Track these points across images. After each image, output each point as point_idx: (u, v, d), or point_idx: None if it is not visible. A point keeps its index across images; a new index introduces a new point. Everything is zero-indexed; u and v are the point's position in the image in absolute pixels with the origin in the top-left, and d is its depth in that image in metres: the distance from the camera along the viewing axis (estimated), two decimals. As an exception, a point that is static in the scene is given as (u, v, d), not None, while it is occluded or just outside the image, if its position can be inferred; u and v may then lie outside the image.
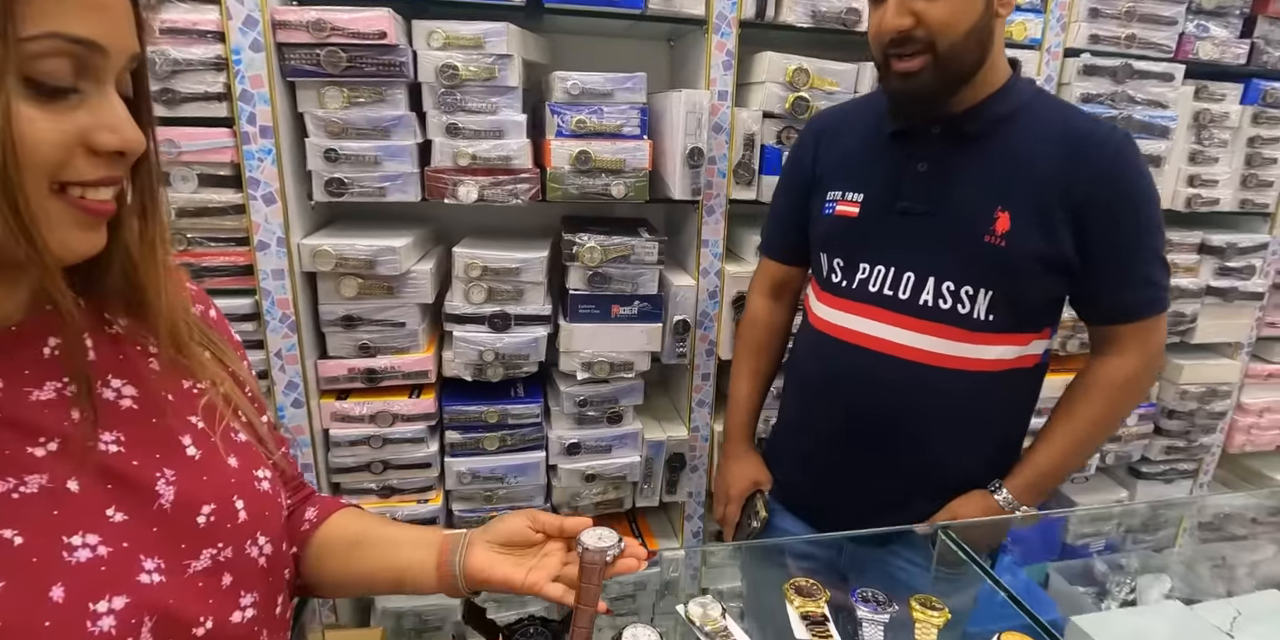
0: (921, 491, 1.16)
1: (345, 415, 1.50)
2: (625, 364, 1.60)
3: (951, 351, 1.07)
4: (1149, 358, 1.11)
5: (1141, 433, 2.10)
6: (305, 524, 0.76)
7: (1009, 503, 1.13)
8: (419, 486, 1.58)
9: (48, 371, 0.52)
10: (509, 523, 0.72)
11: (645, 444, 1.69)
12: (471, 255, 1.48)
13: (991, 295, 1.04)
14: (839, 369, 1.14)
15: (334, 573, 0.74)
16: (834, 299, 1.16)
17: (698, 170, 1.51)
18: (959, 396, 1.09)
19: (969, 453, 1.14)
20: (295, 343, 1.40)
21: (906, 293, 1.08)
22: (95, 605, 0.48)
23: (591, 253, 1.50)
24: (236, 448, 0.62)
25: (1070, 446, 1.13)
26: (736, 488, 1.32)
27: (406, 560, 0.72)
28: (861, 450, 1.15)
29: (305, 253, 1.39)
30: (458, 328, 1.52)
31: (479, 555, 0.70)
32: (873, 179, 1.12)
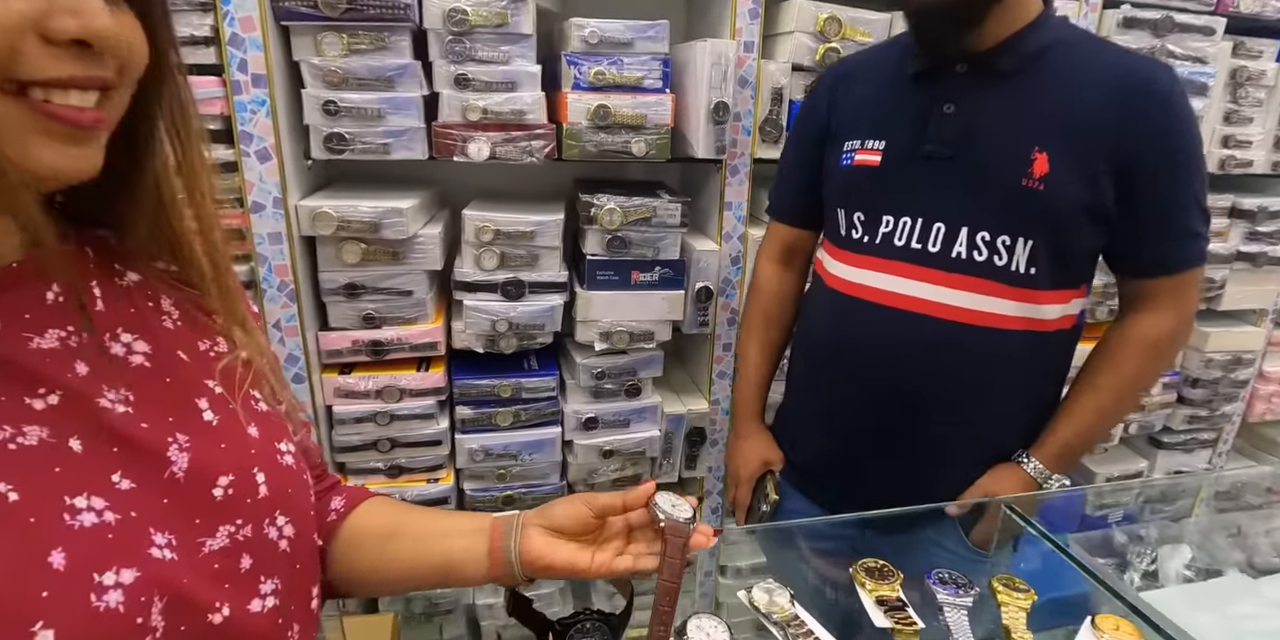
0: (949, 467, 1.08)
1: (349, 391, 1.41)
2: (645, 333, 1.51)
3: (990, 309, 0.99)
4: (1184, 315, 1.04)
5: (1165, 402, 2.05)
6: (331, 514, 0.68)
7: (1041, 474, 1.06)
8: (428, 465, 1.49)
9: (50, 317, 0.46)
10: (566, 507, 0.65)
11: (665, 418, 1.62)
12: (482, 218, 1.38)
13: (1032, 245, 0.96)
14: (860, 332, 1.06)
15: (366, 568, 0.67)
16: (854, 256, 1.07)
17: (722, 127, 1.41)
18: (997, 360, 1.01)
19: (1003, 424, 1.07)
20: (295, 313, 1.30)
21: (937, 245, 1.00)
22: (101, 577, 0.41)
23: (611, 215, 1.40)
24: (258, 416, 0.55)
25: (1100, 411, 1.06)
26: (747, 469, 1.24)
27: (454, 549, 0.65)
28: (884, 423, 1.07)
29: (304, 215, 1.28)
30: (468, 296, 1.42)
31: (536, 540, 0.64)
32: (895, 124, 1.03)
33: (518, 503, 1.57)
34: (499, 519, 0.65)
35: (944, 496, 1.08)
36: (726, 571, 1.64)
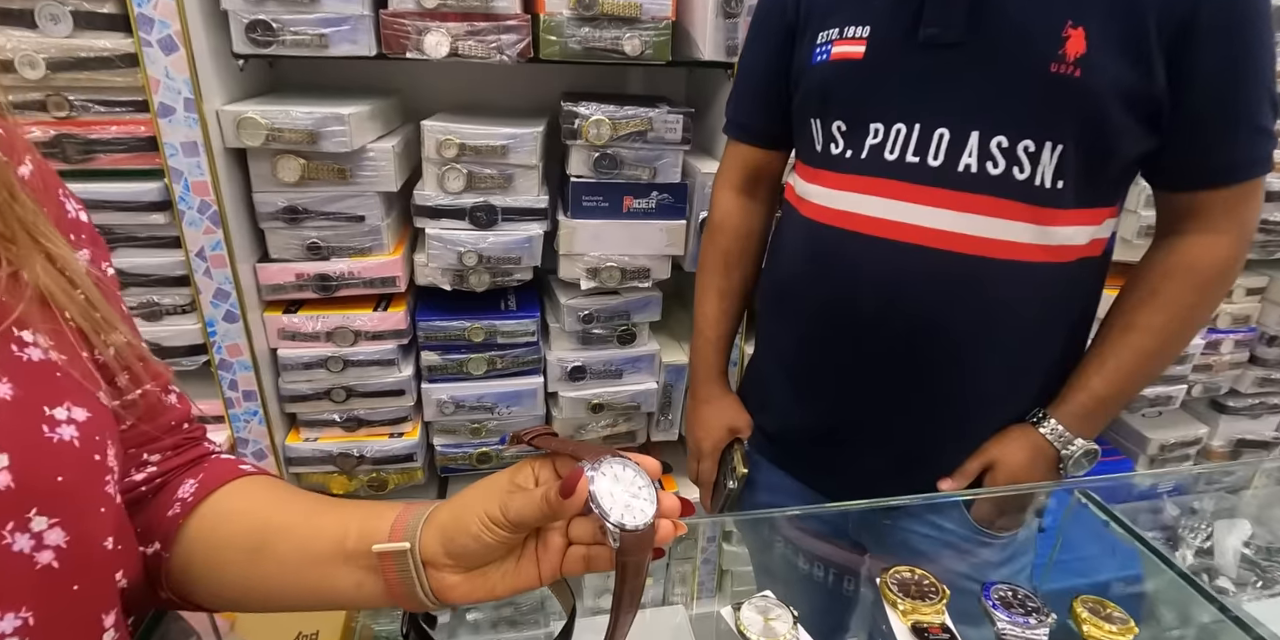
0: (953, 431, 0.87)
1: (295, 332, 1.22)
2: (640, 271, 1.30)
3: (1005, 236, 0.77)
4: (1245, 236, 0.80)
5: (1235, 361, 1.81)
6: (175, 506, 0.49)
7: (1060, 437, 0.84)
8: (391, 417, 1.31)
9: None
10: (476, 541, 0.44)
11: (663, 368, 1.42)
12: (445, 129, 1.16)
13: (1062, 151, 0.74)
14: (842, 270, 0.84)
15: (221, 587, 0.50)
16: (834, 177, 0.84)
17: (735, 21, 1.16)
18: (1017, 298, 0.79)
19: (1018, 378, 0.86)
20: (221, 240, 1.11)
21: (939, 157, 0.77)
22: None
23: (598, 127, 1.17)
24: (21, 368, 0.38)
25: (1137, 360, 0.83)
26: (710, 439, 1.03)
27: (342, 585, 0.47)
28: (873, 379, 0.86)
29: (227, 122, 1.07)
30: (431, 224, 1.21)
31: (457, 584, 0.46)
32: (881, 6, 0.79)
33: (494, 461, 1.40)
34: (386, 556, 0.45)
35: (946, 466, 0.87)
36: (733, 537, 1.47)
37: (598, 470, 0.44)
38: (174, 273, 1.12)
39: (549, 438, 0.49)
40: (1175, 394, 1.76)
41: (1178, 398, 1.77)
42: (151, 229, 1.09)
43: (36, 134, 1.01)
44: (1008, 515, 0.89)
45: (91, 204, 1.07)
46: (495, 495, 0.45)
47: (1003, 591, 0.63)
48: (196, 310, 1.15)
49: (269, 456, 1.25)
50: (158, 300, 1.14)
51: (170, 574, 0.49)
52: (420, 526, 0.46)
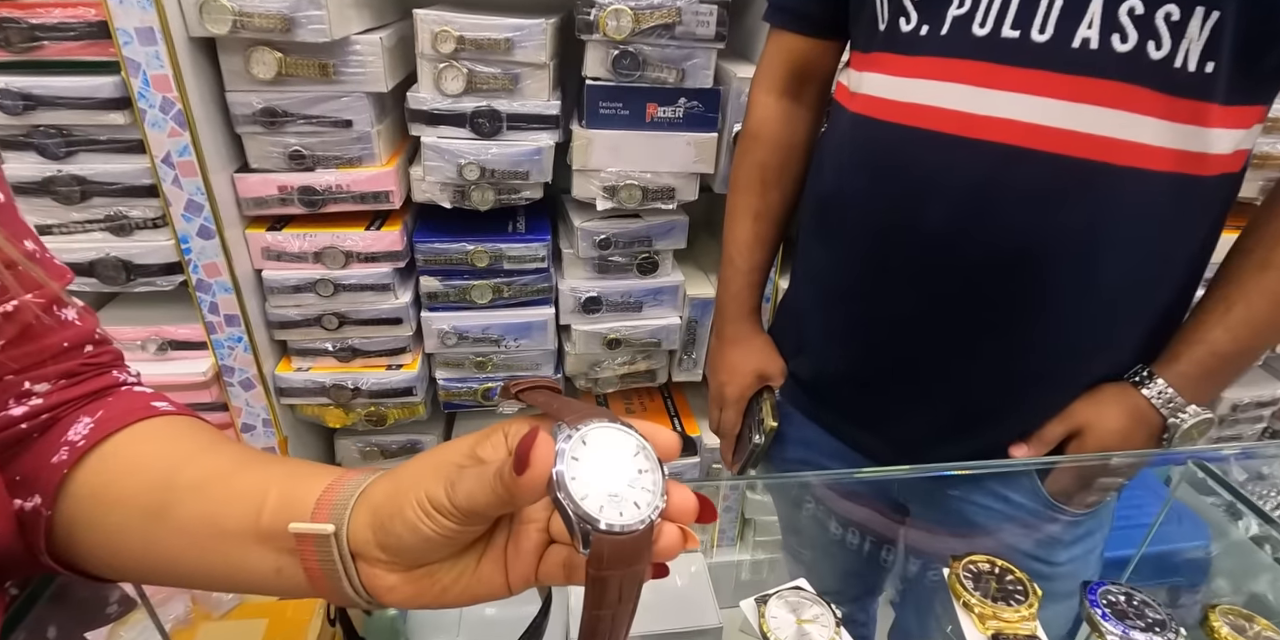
0: (1036, 386, 0.71)
1: (280, 252, 1.11)
2: (664, 190, 1.15)
3: (1133, 136, 0.59)
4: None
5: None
6: (62, 450, 0.38)
7: (1170, 401, 0.68)
8: (388, 347, 1.21)
9: None
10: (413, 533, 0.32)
11: (687, 302, 1.29)
12: (441, 19, 1.00)
13: (1218, 19, 0.55)
14: (909, 179, 0.66)
15: (115, 553, 0.39)
16: (901, 60, 0.66)
17: (785, -113, 0.96)
18: (1134, 221, 0.62)
19: (1126, 321, 0.69)
20: (189, 144, 0.98)
21: (1047, 29, 0.58)
22: None
23: (618, 18, 1.01)
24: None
25: (1273, 307, 0.67)
26: (735, 386, 0.89)
27: (258, 568, 0.36)
28: (948, 319, 0.69)
29: (189, 5, 0.93)
30: (428, 131, 1.07)
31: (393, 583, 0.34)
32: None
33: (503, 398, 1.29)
34: (305, 538, 0.34)
35: (1017, 427, 0.73)
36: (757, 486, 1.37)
37: (574, 438, 0.30)
38: (141, 181, 1.01)
39: (541, 392, 0.35)
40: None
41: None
42: (111, 131, 0.97)
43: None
44: (1092, 489, 0.75)
45: (45, 101, 0.95)
46: (443, 471, 0.33)
47: (1113, 596, 0.50)
48: (169, 224, 1.04)
49: (257, 386, 1.16)
50: (126, 212, 1.03)
51: (52, 536, 0.38)
52: (352, 503, 0.34)
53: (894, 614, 0.94)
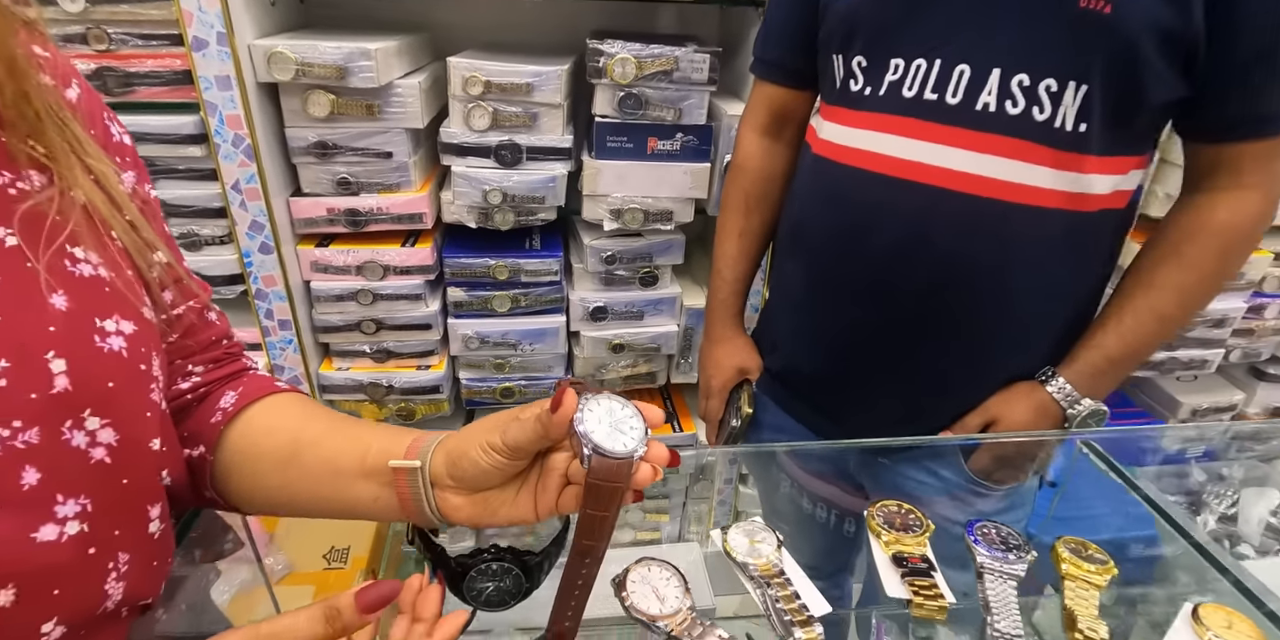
0: (960, 382, 0.87)
1: (328, 265, 1.26)
2: (663, 213, 1.31)
3: (1027, 179, 0.75)
4: (1275, 194, 0.78)
5: (1279, 327, 1.75)
6: (217, 414, 0.53)
7: (1068, 396, 0.84)
8: (418, 350, 1.37)
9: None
10: (474, 465, 0.47)
11: (684, 311, 1.44)
12: (471, 66, 1.16)
13: (1085, 92, 0.71)
14: (858, 210, 0.82)
15: (258, 491, 0.54)
16: (851, 114, 0.82)
17: (768, -45, 1.12)
18: (1034, 247, 0.78)
19: (1040, 327, 0.85)
20: (255, 173, 1.14)
21: (958, 94, 0.74)
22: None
23: (623, 66, 1.17)
24: (74, 283, 0.40)
25: (1155, 319, 0.82)
26: (719, 378, 1.05)
27: (362, 497, 0.51)
28: (889, 325, 0.85)
29: (258, 56, 1.09)
30: (457, 161, 1.23)
31: (460, 506, 0.49)
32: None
33: (518, 396, 1.45)
34: (400, 471, 0.49)
35: (952, 418, 0.88)
36: (748, 480, 1.51)
37: (589, 401, 0.45)
38: (212, 204, 1.17)
39: (578, 384, 0.48)
40: (1212, 358, 1.71)
41: (1214, 362, 1.72)
42: (189, 161, 1.13)
43: (80, 66, 1.05)
44: (1005, 468, 0.90)
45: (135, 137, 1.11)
46: (499, 424, 0.48)
47: (986, 529, 0.65)
48: (233, 241, 1.20)
49: (304, 383, 1.32)
50: (197, 231, 1.19)
51: (213, 476, 0.53)
52: (432, 449, 0.49)
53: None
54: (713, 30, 1.46)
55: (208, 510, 0.60)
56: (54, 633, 0.39)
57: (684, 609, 0.53)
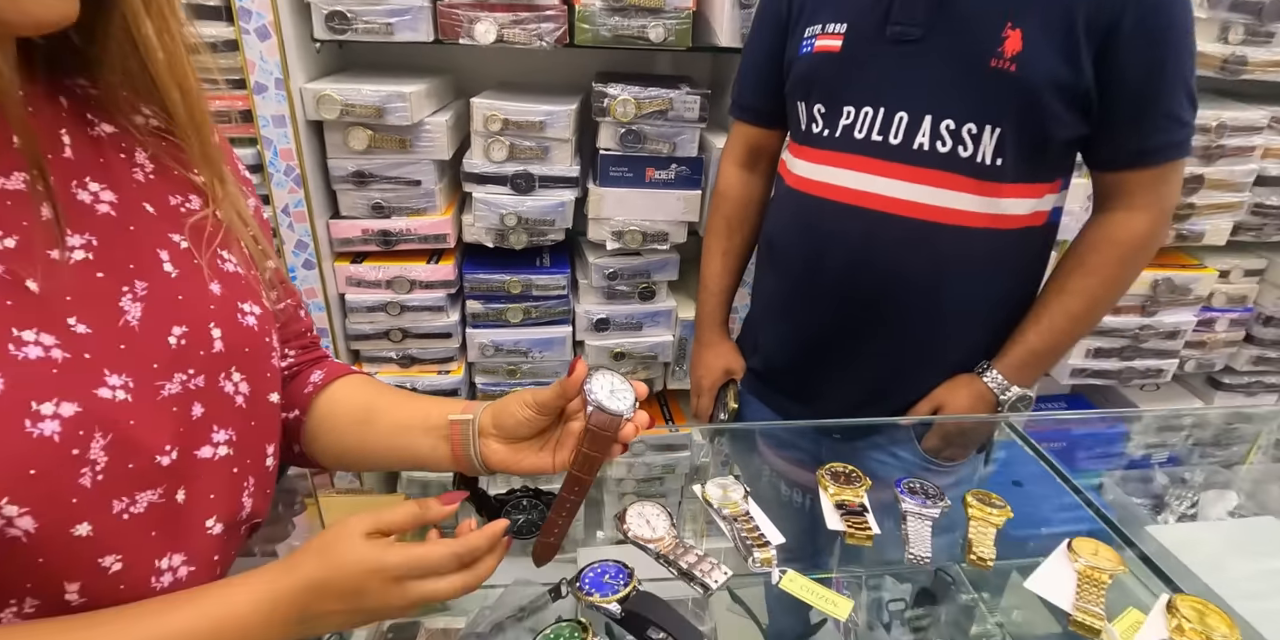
0: (911, 376, 1.03)
1: (360, 280, 1.42)
2: (659, 234, 1.47)
3: (954, 204, 0.91)
4: (1163, 213, 0.94)
5: (1230, 340, 1.89)
6: (309, 386, 0.69)
7: (1000, 386, 0.99)
8: (439, 356, 1.52)
9: (16, 160, 0.46)
10: (514, 413, 0.62)
11: (678, 323, 1.59)
12: (491, 106, 1.33)
13: (999, 133, 0.87)
14: (819, 233, 0.99)
15: (341, 449, 0.68)
16: (814, 152, 0.99)
17: (749, 11, 1.30)
18: (964, 258, 0.94)
19: (968, 331, 1.01)
20: (303, 198, 1.31)
21: (898, 136, 0.91)
22: (39, 406, 0.43)
23: (624, 106, 1.34)
24: (223, 276, 0.55)
25: (1066, 320, 0.98)
26: (708, 378, 1.21)
27: (421, 447, 0.65)
28: (843, 327, 1.01)
29: (308, 98, 1.26)
30: (477, 188, 1.40)
31: (498, 452, 0.64)
32: (858, 5, 0.93)
33: (527, 399, 1.59)
34: (456, 422, 0.64)
35: (904, 403, 1.03)
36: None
37: (599, 372, 0.60)
38: (262, 225, 1.33)
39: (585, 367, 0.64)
40: (1166, 367, 1.86)
41: (1169, 371, 1.87)
42: (245, 188, 1.30)
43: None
44: (952, 448, 1.05)
45: (197, 166, 1.28)
46: (533, 391, 0.63)
47: (912, 484, 0.80)
48: (281, 257, 1.36)
49: (336, 385, 1.47)
50: (248, 248, 1.35)
51: (304, 435, 0.68)
52: (482, 408, 0.64)
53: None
54: (704, 73, 1.64)
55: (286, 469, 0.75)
56: (215, 528, 0.54)
57: (669, 535, 0.67)
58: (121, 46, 0.48)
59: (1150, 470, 1.62)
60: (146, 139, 0.54)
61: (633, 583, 0.61)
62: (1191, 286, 1.74)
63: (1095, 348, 1.79)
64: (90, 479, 0.44)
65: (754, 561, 0.68)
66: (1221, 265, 1.80)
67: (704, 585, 0.63)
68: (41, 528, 0.42)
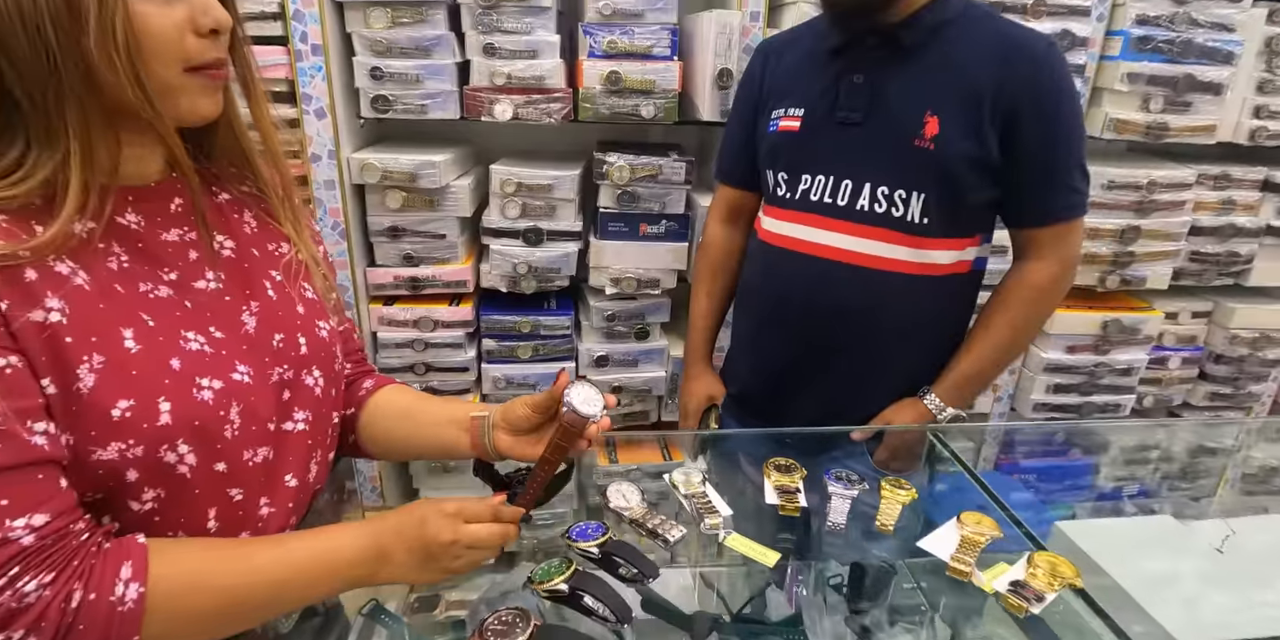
0: (860, 400, 1.20)
1: (391, 320, 1.63)
2: (651, 281, 1.68)
3: (890, 254, 1.11)
4: (1066, 262, 1.14)
5: (1184, 377, 2.05)
6: (363, 390, 0.89)
7: (937, 407, 1.18)
8: (458, 388, 1.71)
9: (174, 221, 0.68)
10: (517, 413, 0.80)
11: (670, 360, 1.78)
12: (507, 172, 1.57)
13: (924, 198, 1.08)
14: (783, 278, 1.19)
15: (385, 436, 0.87)
16: (779, 211, 1.20)
17: (727, 92, 1.54)
18: (899, 299, 1.13)
19: (912, 357, 1.19)
20: (346, 249, 1.53)
21: (845, 199, 1.12)
22: (200, 380, 0.62)
23: (620, 171, 1.57)
24: (305, 300, 0.76)
25: (990, 350, 1.17)
26: (693, 404, 1.39)
27: (447, 437, 0.84)
28: (809, 356, 1.20)
29: (354, 166, 1.50)
30: (494, 241, 1.62)
31: (504, 439, 0.82)
32: (813, 93, 1.15)
33: (535, 428, 1.77)
34: (475, 418, 0.82)
35: (857, 422, 1.21)
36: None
37: (578, 383, 0.78)
38: (310, 272, 1.55)
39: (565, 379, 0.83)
40: (1124, 402, 2.01)
41: (1126, 406, 2.02)
42: (298, 240, 1.53)
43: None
44: (899, 460, 1.22)
45: (257, 222, 1.51)
46: (532, 396, 0.81)
47: (840, 472, 0.97)
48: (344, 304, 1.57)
49: (367, 413, 1.66)
50: (297, 292, 1.57)
51: (358, 427, 0.87)
52: (495, 409, 0.83)
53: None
54: (692, 141, 1.88)
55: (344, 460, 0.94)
56: (291, 482, 0.72)
57: (639, 505, 0.85)
58: (231, 138, 0.71)
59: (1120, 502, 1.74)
60: (249, 202, 0.76)
61: (608, 534, 0.79)
62: (1140, 327, 1.91)
63: (1055, 383, 1.95)
64: (230, 432, 0.64)
65: (706, 526, 0.85)
66: (1170, 307, 1.97)
67: (665, 540, 0.81)
68: (198, 463, 0.62)
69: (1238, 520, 1.20)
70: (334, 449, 0.82)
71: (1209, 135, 1.76)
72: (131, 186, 0.65)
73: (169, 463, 0.60)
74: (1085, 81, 1.69)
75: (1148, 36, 1.65)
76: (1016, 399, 2.02)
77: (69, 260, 0.58)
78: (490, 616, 0.71)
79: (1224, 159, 1.89)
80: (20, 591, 0.52)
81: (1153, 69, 1.66)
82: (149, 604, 0.56)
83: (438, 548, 0.69)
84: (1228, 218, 1.88)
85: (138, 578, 0.56)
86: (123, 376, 0.58)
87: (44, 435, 0.55)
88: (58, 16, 0.53)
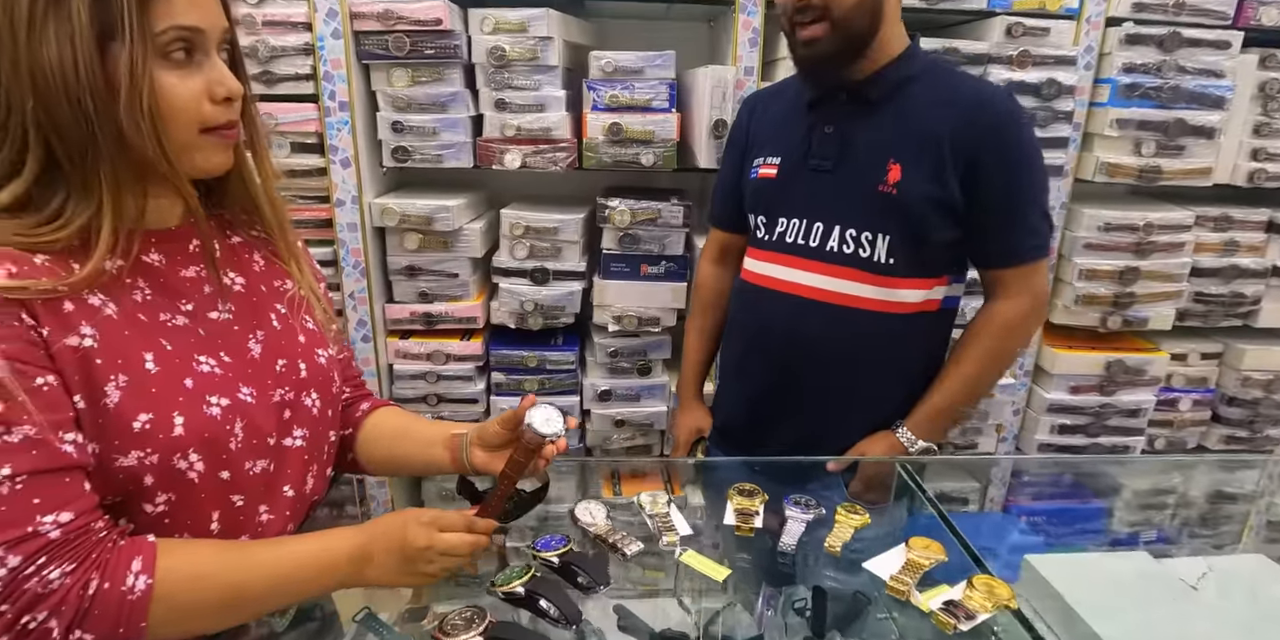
0: (834, 432, 1.25)
1: (406, 353, 1.74)
2: (652, 319, 1.75)
3: (859, 293, 1.17)
4: (1033, 300, 1.20)
5: (1197, 419, 2.03)
6: (360, 412, 0.98)
7: (909, 440, 1.22)
8: (468, 419, 1.79)
9: (191, 260, 0.77)
10: (488, 431, 0.88)
11: (671, 395, 1.84)
12: (516, 216, 1.68)
13: (889, 239, 1.14)
14: (761, 314, 1.26)
15: (380, 454, 0.96)
16: (759, 252, 1.27)
17: (722, 141, 1.63)
18: (871, 335, 1.19)
19: (884, 390, 1.24)
20: (365, 287, 1.65)
21: (817, 241, 1.19)
22: (209, 398, 0.71)
23: (622, 215, 1.66)
24: (306, 331, 0.86)
25: (960, 385, 1.22)
26: (683, 435, 1.46)
27: (433, 456, 0.92)
28: (788, 389, 1.25)
29: (375, 210, 1.63)
30: (503, 280, 1.72)
31: (480, 455, 0.90)
32: (790, 143, 1.23)
33: (541, 459, 1.84)
34: (455, 436, 0.90)
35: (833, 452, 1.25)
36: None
37: (541, 406, 0.85)
38: (335, 308, 1.67)
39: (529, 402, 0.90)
40: (1133, 444, 1.99)
41: (1135, 448, 2.00)
42: (321, 279, 1.65)
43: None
44: (873, 491, 1.25)
45: (286, 262, 1.64)
46: (503, 415, 0.89)
47: (798, 498, 1.02)
48: (345, 333, 1.69)
49: (381, 442, 1.75)
50: (320, 327, 1.69)
51: (356, 445, 0.96)
52: (473, 429, 0.91)
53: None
54: (692, 187, 1.97)
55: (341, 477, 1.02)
56: (288, 492, 0.80)
57: (603, 522, 0.91)
58: (240, 188, 0.81)
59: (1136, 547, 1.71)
60: (258, 244, 0.86)
61: (569, 546, 0.85)
62: (1145, 368, 1.92)
63: (1059, 424, 1.95)
64: (235, 444, 0.73)
65: (664, 543, 0.91)
66: (1177, 349, 1.97)
67: (624, 554, 0.87)
68: (205, 470, 0.71)
69: (1213, 558, 1.19)
70: (331, 464, 0.90)
71: (1204, 177, 1.78)
72: (155, 230, 0.74)
73: (180, 469, 0.69)
74: (1075, 128, 1.74)
75: (1135, 84, 1.70)
76: (1021, 439, 2.03)
77: (100, 293, 0.67)
78: (451, 613, 0.78)
79: (1224, 200, 1.91)
80: (46, 578, 0.60)
81: (1142, 114, 1.71)
82: (156, 594, 0.64)
83: (413, 552, 0.76)
84: (1230, 259, 1.89)
85: (147, 571, 0.64)
86: (143, 393, 0.67)
87: (73, 444, 0.63)
88: (96, 89, 0.63)
